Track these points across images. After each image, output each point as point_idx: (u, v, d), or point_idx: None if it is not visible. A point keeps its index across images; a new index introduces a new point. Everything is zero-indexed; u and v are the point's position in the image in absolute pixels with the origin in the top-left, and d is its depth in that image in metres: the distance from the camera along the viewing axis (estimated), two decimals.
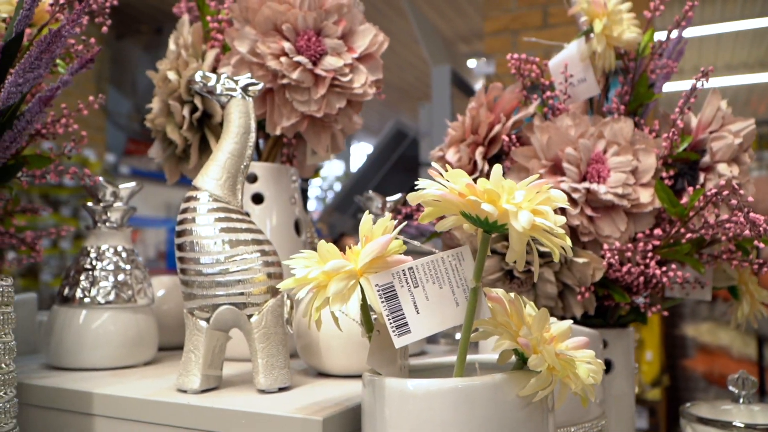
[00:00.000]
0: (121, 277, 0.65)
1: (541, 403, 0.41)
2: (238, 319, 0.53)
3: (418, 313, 0.40)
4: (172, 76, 0.71)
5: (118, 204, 0.67)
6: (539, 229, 0.37)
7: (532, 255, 0.41)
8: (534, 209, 0.37)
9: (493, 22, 2.78)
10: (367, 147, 7.46)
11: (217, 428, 0.49)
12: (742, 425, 0.59)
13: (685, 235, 0.61)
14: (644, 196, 0.63)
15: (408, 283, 0.40)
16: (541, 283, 0.62)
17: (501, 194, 0.37)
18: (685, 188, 0.66)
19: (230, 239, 0.53)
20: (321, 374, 0.62)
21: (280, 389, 0.54)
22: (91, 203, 0.67)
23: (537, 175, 0.45)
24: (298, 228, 0.74)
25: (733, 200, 0.56)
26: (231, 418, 0.49)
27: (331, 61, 0.66)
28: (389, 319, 0.40)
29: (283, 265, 0.53)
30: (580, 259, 0.61)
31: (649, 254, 0.62)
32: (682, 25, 0.71)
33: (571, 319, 0.54)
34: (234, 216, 0.54)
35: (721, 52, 4.52)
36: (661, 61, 0.72)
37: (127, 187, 0.68)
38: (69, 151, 0.65)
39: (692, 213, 0.61)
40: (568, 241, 0.38)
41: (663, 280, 0.61)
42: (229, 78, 0.57)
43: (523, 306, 0.43)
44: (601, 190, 0.62)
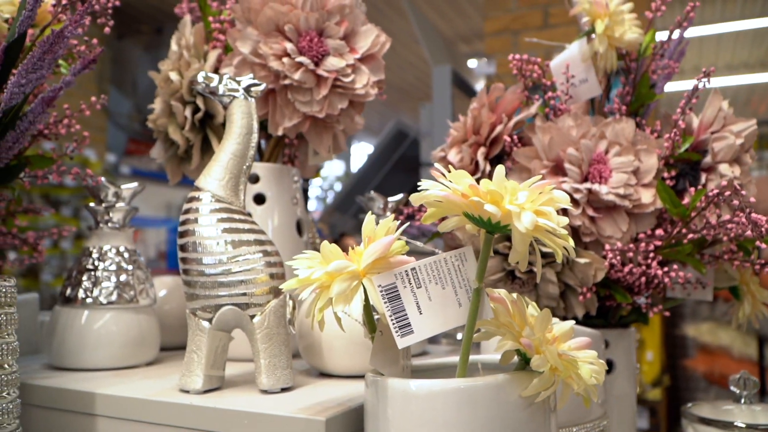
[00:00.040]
0: (123, 278, 0.66)
1: (544, 404, 0.41)
2: (241, 320, 0.53)
3: (421, 314, 0.40)
4: (174, 76, 0.71)
5: (120, 204, 0.67)
6: (542, 230, 0.37)
7: (533, 255, 0.41)
8: (537, 210, 0.37)
9: (493, 22, 2.78)
10: (368, 147, 7.46)
11: (219, 428, 0.49)
12: (744, 425, 0.59)
13: (687, 236, 0.61)
14: (646, 196, 0.63)
15: (411, 284, 0.41)
16: (543, 284, 0.62)
17: (504, 195, 0.37)
18: (687, 189, 0.66)
19: (233, 240, 0.53)
20: (323, 374, 0.62)
21: (283, 389, 0.54)
22: (93, 204, 0.67)
23: (540, 175, 0.46)
24: (299, 228, 0.74)
25: (734, 201, 0.56)
26: (234, 419, 0.49)
27: (333, 62, 0.66)
28: (392, 320, 0.40)
29: (286, 266, 0.53)
30: (581, 260, 0.61)
31: (651, 254, 0.62)
32: (684, 25, 0.71)
33: (573, 320, 0.54)
34: (236, 216, 0.54)
35: (722, 52, 4.52)
36: (663, 62, 0.72)
37: (130, 188, 0.68)
38: (71, 151, 0.65)
39: (694, 213, 0.61)
40: (570, 242, 0.39)
41: (665, 280, 0.61)
42: (232, 79, 0.57)
43: (526, 306, 0.43)
44: (603, 191, 0.62)
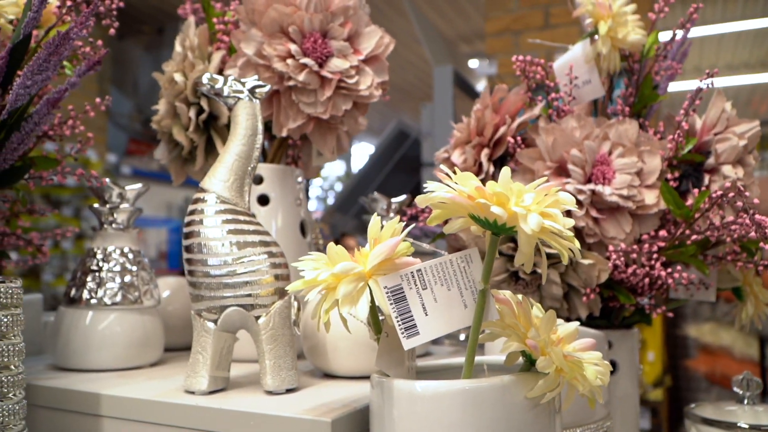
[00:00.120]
0: (127, 279, 0.66)
1: (549, 405, 0.41)
2: (246, 321, 0.53)
3: (427, 315, 0.41)
4: (178, 77, 0.71)
5: (124, 205, 0.67)
6: (548, 232, 0.37)
7: (538, 257, 0.41)
8: (543, 212, 0.37)
9: (494, 23, 2.78)
10: (369, 147, 7.45)
11: (225, 429, 0.49)
12: (747, 426, 0.59)
13: (690, 237, 0.61)
14: (649, 197, 0.63)
15: (416, 285, 0.41)
16: (547, 285, 0.62)
17: (510, 197, 0.38)
18: (690, 190, 0.66)
19: (238, 241, 0.53)
20: (327, 375, 0.62)
21: (288, 390, 0.54)
22: (97, 205, 0.67)
23: (545, 177, 0.46)
24: (303, 229, 0.75)
25: (738, 202, 0.56)
26: (239, 420, 0.49)
27: (337, 63, 0.66)
28: (398, 321, 0.40)
29: (290, 267, 0.53)
30: (585, 261, 0.61)
31: (654, 255, 0.62)
32: (687, 27, 0.71)
33: (577, 321, 0.54)
34: (241, 218, 0.54)
35: (723, 53, 4.51)
36: (666, 63, 0.72)
37: (134, 189, 0.68)
38: (75, 152, 0.65)
39: (697, 215, 0.61)
40: (576, 244, 0.39)
41: (668, 281, 0.61)
42: (236, 80, 0.57)
43: (531, 308, 0.43)
44: (607, 192, 0.62)
